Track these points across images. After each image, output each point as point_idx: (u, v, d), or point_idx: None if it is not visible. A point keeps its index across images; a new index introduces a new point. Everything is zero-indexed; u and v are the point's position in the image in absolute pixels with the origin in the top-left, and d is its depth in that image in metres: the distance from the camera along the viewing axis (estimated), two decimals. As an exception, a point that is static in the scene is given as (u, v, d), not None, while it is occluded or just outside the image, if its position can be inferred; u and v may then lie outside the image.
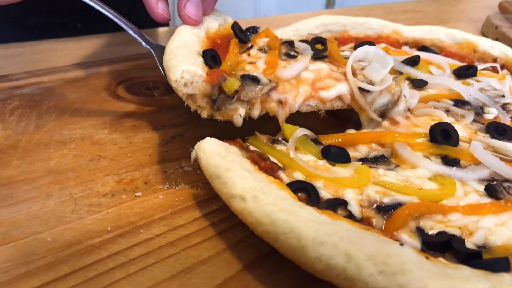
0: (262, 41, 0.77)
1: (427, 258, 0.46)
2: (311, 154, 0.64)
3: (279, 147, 0.65)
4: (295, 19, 1.09)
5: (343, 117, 0.80)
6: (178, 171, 0.69)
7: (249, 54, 0.74)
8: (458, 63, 0.97)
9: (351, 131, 0.73)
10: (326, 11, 2.44)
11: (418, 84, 0.85)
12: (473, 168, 0.62)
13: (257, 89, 0.65)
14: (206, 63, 0.68)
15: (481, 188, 0.59)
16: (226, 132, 0.80)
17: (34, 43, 1.15)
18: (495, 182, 0.60)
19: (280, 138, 0.67)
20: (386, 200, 0.56)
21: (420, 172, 0.62)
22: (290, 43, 0.78)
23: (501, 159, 0.63)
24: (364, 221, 0.54)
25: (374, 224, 0.54)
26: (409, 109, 0.76)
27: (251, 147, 0.64)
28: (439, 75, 0.89)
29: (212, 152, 0.60)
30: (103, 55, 1.08)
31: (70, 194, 0.62)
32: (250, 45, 0.76)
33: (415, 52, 1.01)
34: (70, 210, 0.60)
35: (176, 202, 0.63)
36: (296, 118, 0.86)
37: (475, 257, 0.48)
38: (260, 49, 0.75)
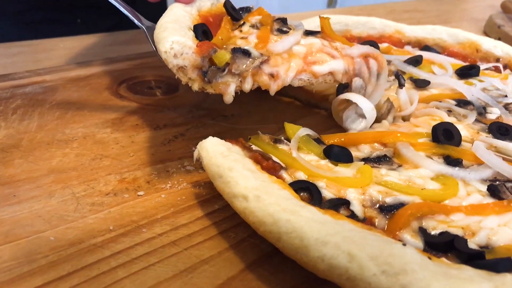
0: (254, 19, 0.76)
1: (429, 258, 0.46)
2: (313, 153, 0.64)
3: (281, 146, 0.65)
4: (297, 18, 1.08)
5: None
6: (181, 170, 0.69)
7: (241, 31, 0.73)
8: (460, 63, 0.97)
9: (353, 131, 0.72)
10: (328, 10, 2.44)
11: (421, 84, 0.85)
12: (476, 168, 0.62)
13: (248, 62, 0.65)
14: (197, 37, 0.67)
15: (484, 188, 0.59)
16: (229, 131, 0.81)
17: (37, 42, 1.15)
18: (497, 182, 0.60)
19: (282, 137, 0.67)
20: (389, 200, 0.56)
21: (422, 172, 0.62)
22: (283, 20, 0.77)
23: (503, 159, 0.63)
24: (366, 221, 0.54)
25: (376, 224, 0.54)
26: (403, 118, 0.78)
27: (254, 147, 0.64)
28: (442, 74, 0.89)
29: (215, 152, 0.60)
30: (105, 54, 1.08)
31: (72, 193, 0.62)
32: (242, 22, 0.76)
33: (418, 52, 1.01)
34: (72, 209, 0.60)
35: (179, 201, 0.63)
36: (298, 117, 0.86)
37: (477, 257, 0.48)
38: (252, 26, 0.74)
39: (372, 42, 0.99)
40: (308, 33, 0.74)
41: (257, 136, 0.66)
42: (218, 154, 0.60)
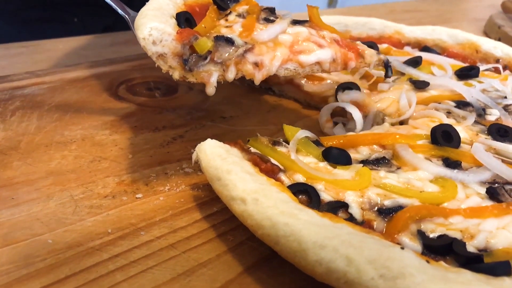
0: (242, 8, 0.75)
1: (428, 261, 0.46)
2: (312, 156, 0.64)
3: (280, 149, 0.65)
4: (297, 17, 1.08)
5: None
6: (179, 173, 0.69)
7: (227, 20, 0.72)
8: (460, 64, 0.97)
9: (352, 133, 0.72)
10: (327, 10, 2.43)
11: (420, 85, 0.85)
12: (475, 171, 0.62)
13: (231, 50, 0.64)
14: (179, 25, 0.66)
15: (483, 190, 0.59)
16: (228, 133, 0.81)
17: (35, 42, 1.15)
18: (496, 184, 0.60)
19: (281, 139, 0.67)
20: (387, 203, 0.56)
21: (421, 174, 0.61)
22: (270, 10, 0.75)
23: (502, 161, 0.63)
24: (365, 224, 0.54)
25: (375, 227, 0.54)
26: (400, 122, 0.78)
27: (252, 149, 0.63)
28: (441, 76, 0.89)
29: (213, 154, 0.60)
30: (104, 54, 1.08)
31: (70, 196, 0.62)
32: (229, 11, 0.74)
33: (417, 53, 1.00)
34: (70, 212, 0.60)
35: (177, 204, 0.63)
36: (297, 119, 0.86)
37: (476, 261, 0.47)
38: (239, 15, 0.73)
39: (371, 43, 0.99)
40: (296, 22, 0.73)
41: (255, 138, 0.66)
42: (217, 156, 0.60)
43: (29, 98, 0.85)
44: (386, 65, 0.76)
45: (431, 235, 0.52)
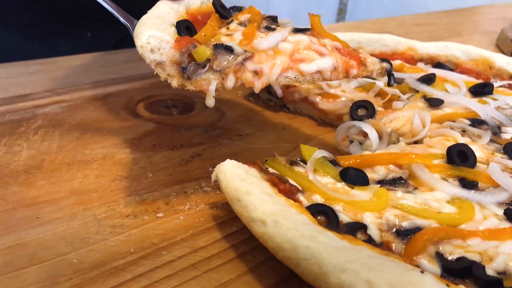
0: (244, 17, 0.74)
1: (447, 286, 0.46)
2: (329, 176, 0.65)
3: (297, 169, 0.66)
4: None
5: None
6: (198, 192, 0.70)
7: (228, 28, 0.72)
8: (474, 80, 0.98)
9: (368, 152, 0.73)
10: (339, 25, 2.45)
11: (434, 103, 0.85)
12: (492, 191, 0.62)
13: (231, 58, 0.63)
14: (179, 33, 0.65)
15: (501, 212, 0.59)
16: (244, 151, 0.82)
17: (53, 59, 1.18)
18: (514, 205, 0.60)
19: (298, 159, 0.68)
20: (405, 224, 0.57)
21: (438, 195, 0.62)
22: (272, 18, 0.75)
23: (519, 181, 0.63)
24: (383, 246, 0.55)
25: (393, 248, 0.55)
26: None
27: (270, 169, 0.65)
28: (455, 93, 0.89)
29: (232, 175, 0.61)
30: (121, 71, 1.10)
31: (93, 215, 0.64)
32: (230, 20, 0.74)
33: (430, 69, 1.01)
34: (94, 231, 0.61)
35: (197, 223, 0.64)
36: (312, 136, 0.87)
37: (496, 285, 0.48)
38: (240, 24, 0.72)
39: (385, 59, 1.00)
40: (297, 30, 0.72)
41: (273, 158, 0.67)
42: (236, 177, 0.61)
43: (50, 116, 0.87)
44: (389, 74, 0.75)
45: (450, 257, 0.53)
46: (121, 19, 0.76)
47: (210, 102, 0.64)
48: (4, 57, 1.18)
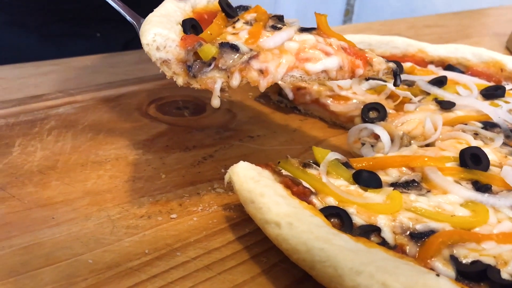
0: (250, 16, 0.74)
1: (463, 289, 0.46)
2: (342, 178, 0.65)
3: (310, 171, 0.66)
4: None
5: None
6: (211, 193, 0.70)
7: (234, 27, 0.72)
8: (485, 83, 0.97)
9: (380, 154, 0.74)
10: (349, 26, 2.45)
11: (446, 105, 0.85)
12: (506, 194, 0.62)
13: (236, 57, 0.63)
14: (185, 32, 0.65)
15: (515, 215, 0.59)
16: (256, 153, 0.82)
17: (65, 60, 1.18)
18: (528, 209, 0.60)
19: (310, 161, 0.68)
20: (419, 227, 0.57)
21: (451, 198, 0.62)
22: (279, 17, 0.75)
23: (533, 185, 0.63)
24: (397, 249, 0.55)
25: (407, 251, 0.55)
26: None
27: (284, 172, 0.65)
28: (467, 96, 0.89)
29: (246, 177, 0.62)
30: (132, 72, 1.11)
31: (108, 216, 0.64)
32: (236, 19, 0.74)
33: (441, 71, 1.01)
34: (108, 232, 0.62)
35: (210, 225, 0.64)
36: (324, 138, 0.87)
37: (511, 288, 0.48)
38: (246, 23, 0.72)
39: (395, 62, 1.00)
40: (303, 29, 0.72)
41: (286, 160, 0.68)
42: (249, 179, 0.61)
43: (63, 117, 0.88)
44: (395, 74, 0.75)
45: (464, 261, 0.53)
46: (128, 18, 0.76)
47: (216, 102, 0.64)
48: (16, 57, 1.19)
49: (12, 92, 0.97)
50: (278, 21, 0.73)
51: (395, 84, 0.75)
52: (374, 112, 0.85)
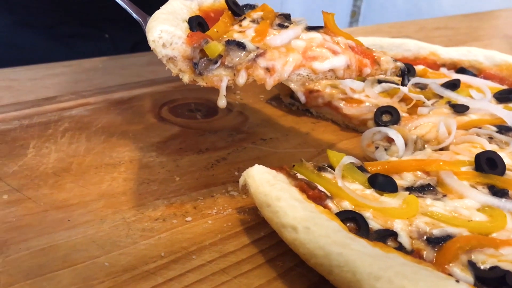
0: (256, 14, 0.74)
1: (483, 295, 0.46)
2: (358, 182, 0.65)
3: (325, 174, 0.66)
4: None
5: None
6: (225, 196, 0.70)
7: (240, 25, 0.71)
8: (498, 86, 0.97)
9: (395, 158, 0.73)
10: (358, 28, 2.44)
11: (459, 109, 0.85)
12: (523, 200, 0.62)
13: (243, 55, 0.63)
14: (191, 29, 0.65)
15: (532, 221, 0.59)
16: (269, 155, 0.82)
17: (76, 62, 1.19)
18: (545, 214, 0.60)
19: (325, 165, 0.68)
20: (436, 232, 0.57)
21: (468, 203, 0.62)
22: (285, 16, 0.74)
23: (550, 190, 0.63)
24: (414, 254, 0.55)
25: (424, 256, 0.54)
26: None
27: (299, 175, 0.65)
28: (480, 99, 0.89)
29: (261, 180, 0.62)
30: (143, 74, 1.11)
31: (123, 218, 0.65)
32: (243, 17, 0.73)
33: (454, 74, 1.01)
34: (124, 235, 0.62)
35: (225, 228, 0.64)
36: (336, 141, 0.87)
37: (531, 295, 0.48)
38: (253, 21, 0.72)
39: (407, 64, 1.00)
40: (311, 28, 0.72)
41: (300, 163, 0.67)
42: (265, 182, 0.61)
43: (76, 119, 0.88)
44: (403, 73, 0.74)
45: (482, 267, 0.52)
46: (134, 15, 0.76)
47: (222, 102, 0.64)
48: (25, 58, 1.20)
49: (24, 94, 0.98)
50: (285, 20, 0.73)
51: (403, 84, 0.74)
52: (387, 115, 0.85)
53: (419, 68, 1.03)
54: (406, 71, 0.74)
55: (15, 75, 1.08)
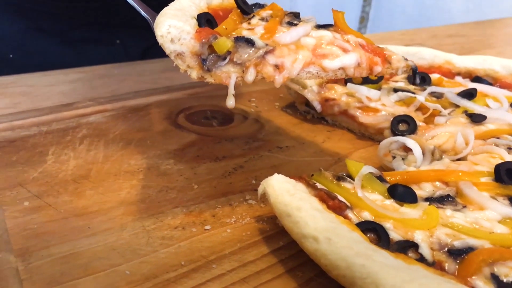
0: (266, 13, 0.73)
1: (509, 310, 0.46)
2: (377, 192, 0.65)
3: (344, 184, 0.66)
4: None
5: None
6: (243, 204, 0.71)
7: (249, 23, 0.71)
8: (514, 95, 0.96)
9: (413, 168, 0.73)
10: (369, 35, 2.44)
11: (477, 118, 0.85)
12: (544, 212, 0.62)
13: (251, 51, 0.62)
14: (200, 25, 0.65)
15: (554, 233, 0.58)
16: (286, 164, 0.82)
17: (92, 68, 1.20)
18: None
19: (344, 174, 0.68)
20: (457, 244, 0.56)
21: (489, 214, 0.61)
22: (295, 14, 0.73)
23: None
24: (436, 265, 0.54)
25: (446, 268, 0.54)
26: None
27: (318, 185, 0.65)
28: (497, 108, 0.89)
29: (281, 189, 0.62)
30: (159, 81, 1.12)
31: (143, 226, 0.65)
32: (252, 15, 0.73)
33: (469, 83, 1.00)
34: (144, 243, 0.62)
35: (244, 237, 0.64)
36: (353, 150, 0.87)
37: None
38: (262, 19, 0.71)
39: (423, 73, 1.00)
40: (320, 26, 0.71)
41: (319, 173, 0.68)
42: (285, 192, 0.61)
43: (94, 126, 0.89)
44: (414, 72, 0.74)
45: (505, 280, 0.52)
46: (143, 13, 0.76)
47: (230, 102, 0.63)
48: (37, 63, 1.21)
49: (42, 100, 0.99)
50: (294, 18, 0.72)
51: (414, 83, 0.74)
52: (404, 124, 0.85)
53: (434, 76, 1.02)
54: (417, 70, 0.74)
55: (31, 81, 1.09)
